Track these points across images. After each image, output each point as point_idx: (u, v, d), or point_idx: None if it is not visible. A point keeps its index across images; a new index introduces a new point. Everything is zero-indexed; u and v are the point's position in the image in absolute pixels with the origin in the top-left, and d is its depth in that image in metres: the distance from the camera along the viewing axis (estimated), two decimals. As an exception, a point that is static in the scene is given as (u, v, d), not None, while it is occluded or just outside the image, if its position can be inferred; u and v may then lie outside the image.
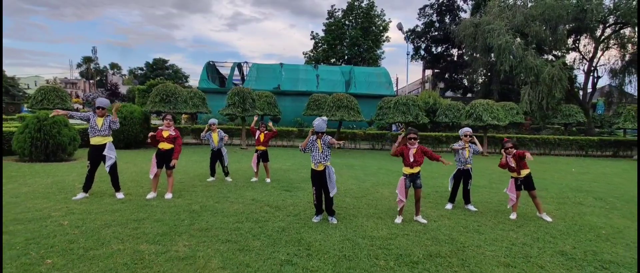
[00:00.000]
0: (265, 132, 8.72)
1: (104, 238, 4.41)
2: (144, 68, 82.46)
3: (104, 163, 6.41)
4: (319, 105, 19.44)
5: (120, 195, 6.49)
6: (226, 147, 8.81)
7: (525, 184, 6.18)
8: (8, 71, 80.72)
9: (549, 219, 6.04)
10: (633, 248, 4.83)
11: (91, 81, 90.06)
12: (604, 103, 38.26)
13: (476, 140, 6.83)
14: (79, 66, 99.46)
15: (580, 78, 31.69)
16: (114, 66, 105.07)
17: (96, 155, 6.37)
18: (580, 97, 28.32)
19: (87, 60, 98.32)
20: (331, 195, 5.47)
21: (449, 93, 42.85)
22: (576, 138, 19.49)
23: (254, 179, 8.66)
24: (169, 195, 6.59)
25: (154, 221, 5.10)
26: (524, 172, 6.17)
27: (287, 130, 19.39)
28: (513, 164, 6.13)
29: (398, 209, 5.68)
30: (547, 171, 12.81)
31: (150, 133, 6.81)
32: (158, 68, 78.94)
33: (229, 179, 8.56)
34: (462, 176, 6.65)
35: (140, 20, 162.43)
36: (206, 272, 3.59)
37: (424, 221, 5.62)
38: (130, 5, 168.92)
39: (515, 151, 6.15)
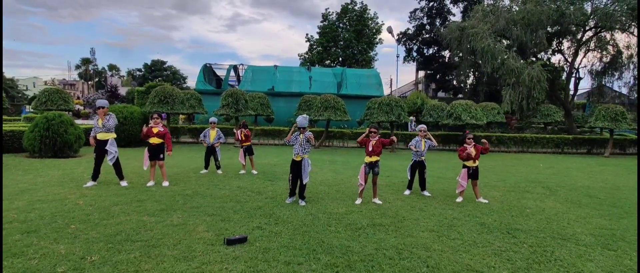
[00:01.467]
0: (245, 131, 9.90)
1: (113, 212, 5.50)
2: (142, 70, 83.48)
3: (107, 156, 7.47)
4: (310, 106, 20.52)
5: (124, 183, 7.57)
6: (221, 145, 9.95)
7: (474, 174, 7.26)
8: (6, 73, 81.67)
9: (484, 201, 7.14)
10: (544, 221, 5.93)
11: (90, 83, 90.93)
12: (591, 104, 39.54)
13: (430, 136, 7.93)
14: (77, 67, 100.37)
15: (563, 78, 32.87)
16: (112, 67, 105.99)
17: (100, 149, 7.45)
18: (563, 98, 29.49)
19: (86, 61, 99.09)
20: (304, 183, 6.55)
21: (441, 94, 44.09)
22: (552, 136, 20.64)
23: (242, 171, 9.74)
24: (165, 183, 7.68)
25: (154, 201, 6.19)
26: (475, 164, 7.26)
27: (279, 129, 20.47)
28: (473, 154, 7.18)
29: (358, 192, 6.78)
30: (515, 166, 13.93)
31: (144, 127, 7.83)
32: (156, 70, 79.93)
33: (219, 172, 9.64)
34: (418, 167, 7.75)
35: (139, 21, 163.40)
36: (194, 234, 4.68)
37: (379, 202, 6.72)
38: (128, 6, 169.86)
39: (474, 143, 7.25)
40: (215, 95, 26.36)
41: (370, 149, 6.74)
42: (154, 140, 7.70)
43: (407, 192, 7.76)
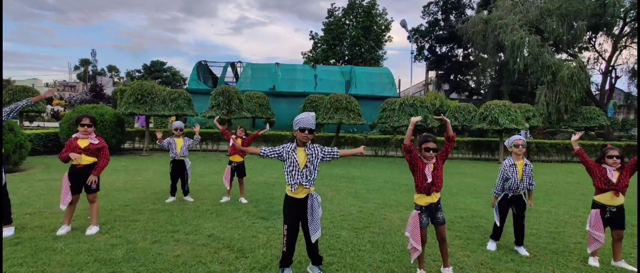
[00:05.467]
0: (245, 137, 6.82)
1: None
2: (141, 71, 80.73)
3: None
4: (316, 107, 17.59)
5: (9, 231, 4.53)
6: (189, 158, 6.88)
7: (616, 219, 4.16)
8: (5, 74, 79.14)
9: (632, 268, 4.10)
10: None
11: (89, 84, 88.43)
12: (613, 105, 36.33)
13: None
14: (76, 68, 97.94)
15: (594, 78, 29.94)
16: (112, 68, 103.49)
17: None
18: (598, 99, 26.40)
19: (85, 62, 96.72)
20: (313, 241, 3.56)
21: (453, 95, 41.01)
22: (602, 144, 17.54)
23: (225, 199, 6.73)
24: (92, 229, 4.65)
25: (30, 287, 3.19)
26: (619, 200, 4.13)
27: (280, 134, 17.49)
28: (614, 179, 4.09)
29: (412, 259, 3.68)
30: (581, 184, 10.90)
31: (71, 138, 4.78)
32: (155, 70, 77.20)
33: (190, 199, 6.63)
34: (513, 206, 4.64)
35: (146, 24, 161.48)
36: None
37: (458, 278, 3.68)
38: (136, 9, 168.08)
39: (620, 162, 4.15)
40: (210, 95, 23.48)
41: (429, 179, 3.56)
42: (84, 159, 4.62)
43: (492, 246, 4.66)
